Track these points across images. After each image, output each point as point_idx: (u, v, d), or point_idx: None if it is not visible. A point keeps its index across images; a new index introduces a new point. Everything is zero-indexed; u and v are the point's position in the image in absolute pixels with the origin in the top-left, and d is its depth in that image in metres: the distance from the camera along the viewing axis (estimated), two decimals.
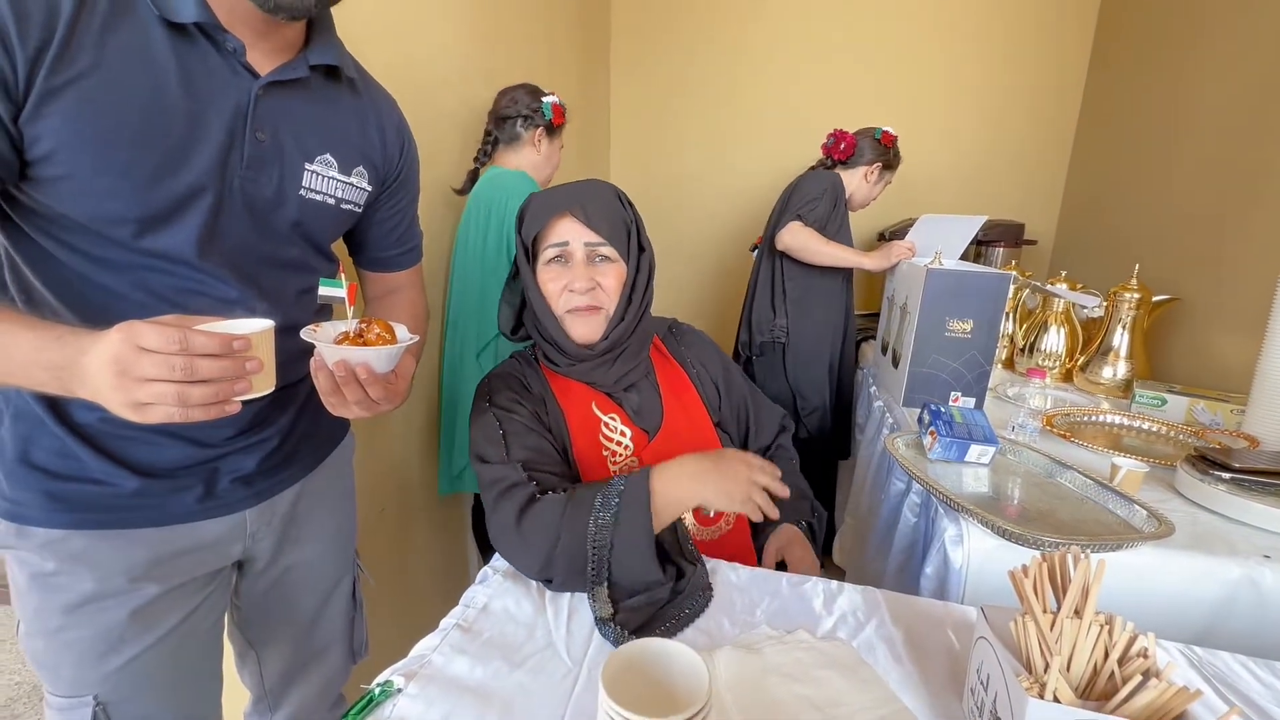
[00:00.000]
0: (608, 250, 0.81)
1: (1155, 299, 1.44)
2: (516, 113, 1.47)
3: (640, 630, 0.62)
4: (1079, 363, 1.52)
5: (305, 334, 0.58)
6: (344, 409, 0.60)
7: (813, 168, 1.86)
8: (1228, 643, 0.68)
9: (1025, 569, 0.48)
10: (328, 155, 0.67)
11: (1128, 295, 1.42)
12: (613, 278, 0.81)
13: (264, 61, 0.61)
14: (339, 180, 0.69)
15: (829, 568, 1.66)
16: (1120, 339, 1.43)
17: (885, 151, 1.76)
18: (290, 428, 0.74)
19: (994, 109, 2.40)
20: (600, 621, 0.63)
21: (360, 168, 0.71)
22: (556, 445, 0.81)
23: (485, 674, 0.57)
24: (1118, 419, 1.27)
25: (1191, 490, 0.91)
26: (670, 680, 0.47)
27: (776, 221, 1.80)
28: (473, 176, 1.48)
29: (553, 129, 1.49)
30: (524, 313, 0.88)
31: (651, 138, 2.77)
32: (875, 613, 0.67)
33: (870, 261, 1.61)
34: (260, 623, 0.82)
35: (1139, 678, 0.43)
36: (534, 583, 0.71)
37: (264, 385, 0.51)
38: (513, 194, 1.37)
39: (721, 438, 0.93)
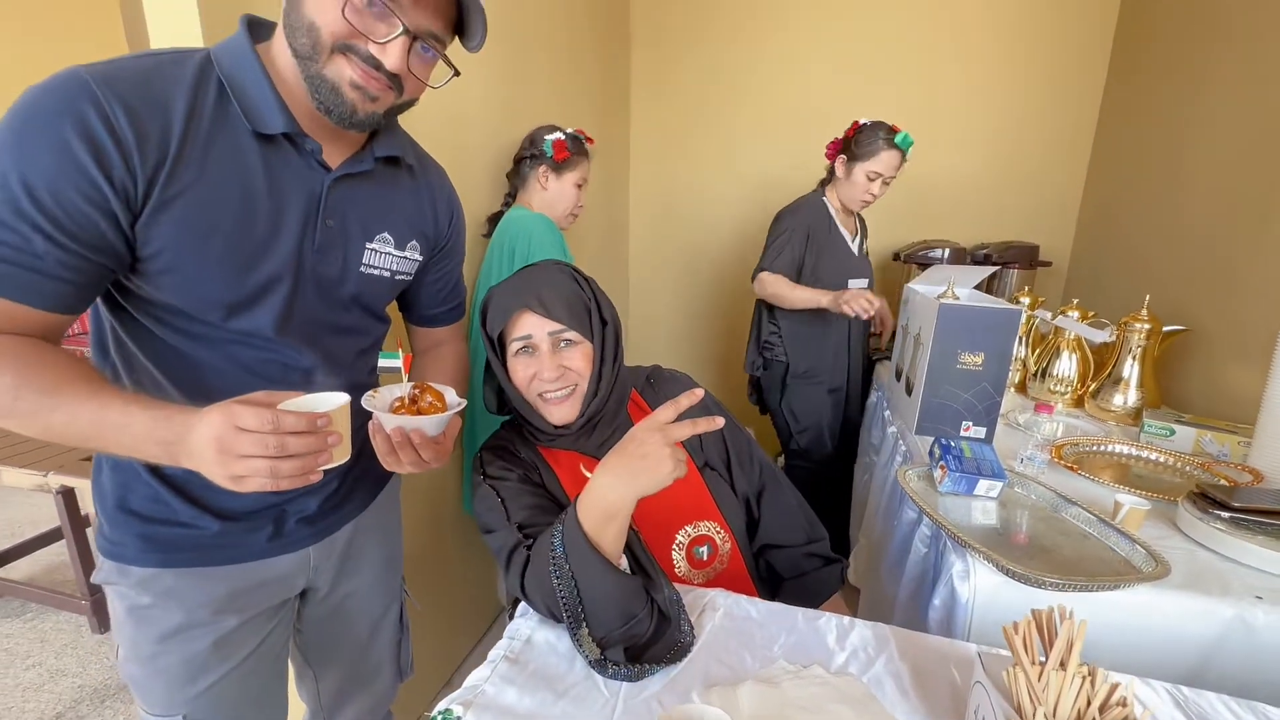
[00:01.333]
0: (571, 335, 0.85)
1: (1166, 329, 1.47)
2: (523, 153, 1.54)
3: (635, 660, 0.67)
4: (1091, 389, 1.56)
5: (365, 401, 0.66)
6: (398, 468, 0.68)
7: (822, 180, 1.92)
8: (1218, 682, 0.73)
9: (1016, 626, 0.54)
10: (386, 234, 0.75)
11: (1138, 325, 1.46)
12: (580, 359, 0.86)
13: (334, 155, 0.69)
14: (394, 255, 0.76)
15: (844, 585, 1.72)
16: (1130, 369, 1.46)
17: (847, 143, 1.78)
18: (347, 472, 0.81)
19: (1010, 129, 2.43)
20: (592, 664, 0.67)
21: (414, 241, 0.79)
22: (552, 502, 0.85)
23: (533, 703, 0.64)
24: (1126, 449, 1.31)
25: (1191, 528, 0.96)
26: None
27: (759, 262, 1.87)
28: (493, 220, 1.56)
29: (557, 165, 1.52)
30: (504, 393, 0.91)
31: (671, 148, 2.84)
32: (884, 648, 0.73)
33: (826, 300, 1.69)
34: (319, 646, 0.90)
35: None
36: None
37: (342, 455, 0.58)
38: (528, 235, 1.45)
39: (708, 475, 0.97)
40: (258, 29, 0.66)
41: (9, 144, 0.52)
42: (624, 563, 0.72)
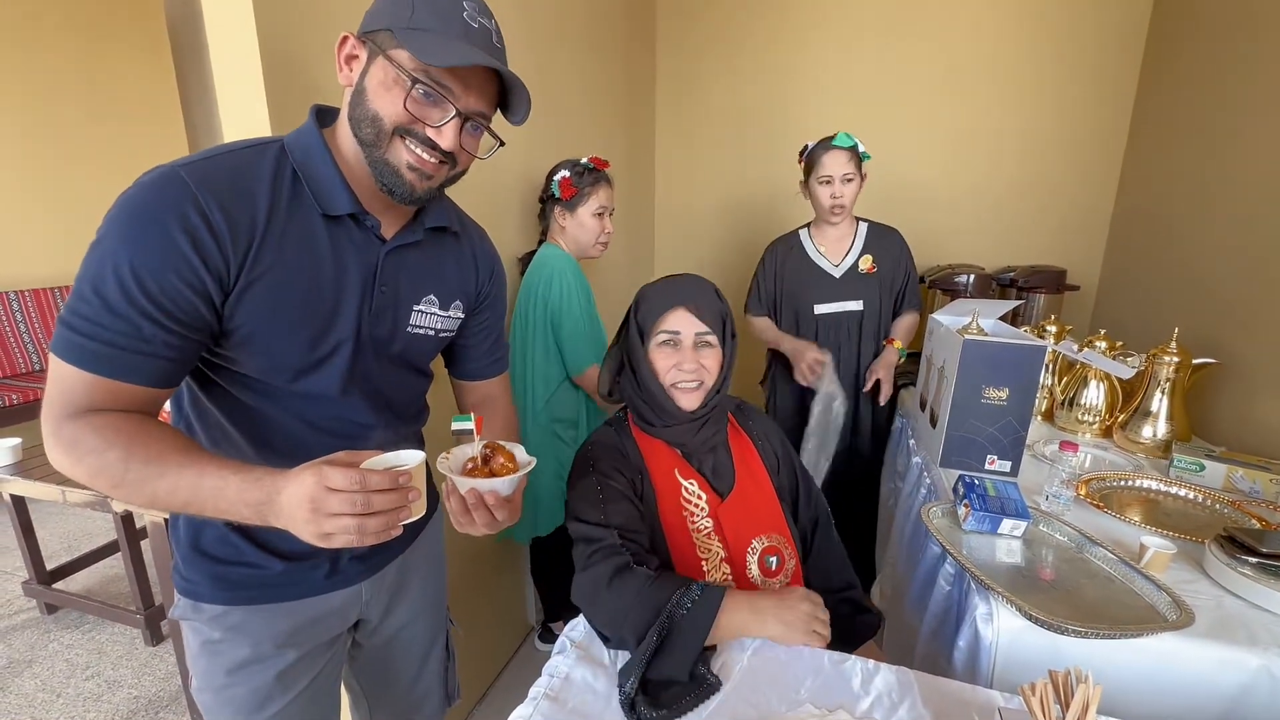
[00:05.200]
0: (711, 338, 0.99)
1: (1196, 361, 1.46)
2: (543, 195, 1.61)
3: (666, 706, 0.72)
4: (1119, 420, 1.55)
5: (440, 465, 0.70)
6: (471, 529, 0.71)
7: None
8: None
9: (1034, 686, 0.57)
10: (432, 295, 0.80)
11: (1166, 358, 1.45)
12: (713, 360, 0.99)
13: (389, 227, 0.75)
14: (438, 314, 0.82)
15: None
16: (1160, 403, 1.45)
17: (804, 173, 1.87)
18: None
19: (1038, 151, 2.43)
20: (627, 702, 0.72)
21: (457, 301, 0.84)
22: (643, 512, 0.96)
23: None
24: (1154, 484, 1.30)
25: (1218, 573, 0.96)
26: None
27: None
28: (526, 259, 1.63)
29: (568, 203, 1.57)
30: (621, 378, 1.04)
31: (694, 167, 2.91)
32: (908, 694, 0.76)
33: (786, 345, 1.86)
34: (371, 675, 0.96)
35: None
36: (606, 654, 0.82)
37: (419, 510, 0.61)
38: (549, 275, 1.53)
39: (781, 497, 1.07)
40: (324, 115, 0.73)
41: (118, 238, 0.58)
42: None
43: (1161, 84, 2.13)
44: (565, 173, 1.56)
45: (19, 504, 1.92)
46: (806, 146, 1.84)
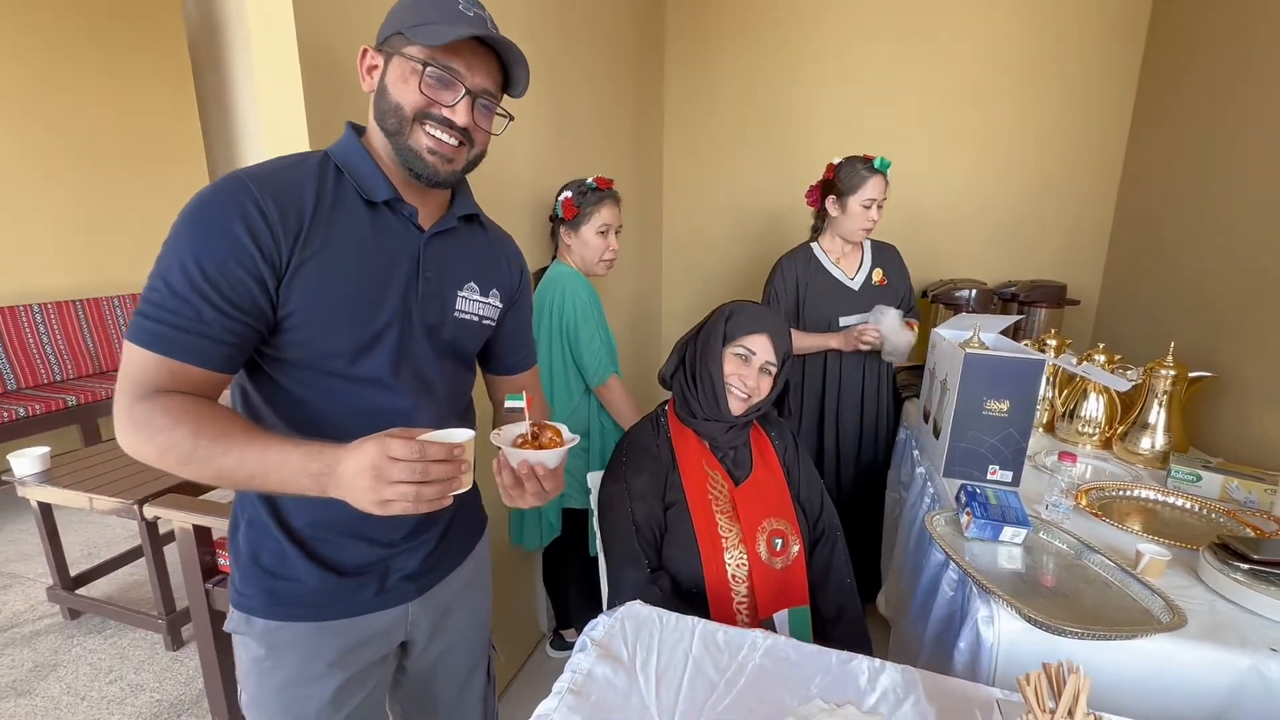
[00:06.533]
0: (772, 369, 1.18)
1: (1192, 375, 1.50)
2: (551, 215, 1.67)
3: None
4: (1118, 431, 1.59)
5: (493, 438, 0.75)
6: (521, 500, 0.76)
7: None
8: None
9: (1029, 676, 0.61)
10: (472, 283, 0.86)
11: (1163, 372, 1.49)
12: (766, 385, 1.19)
13: (426, 218, 0.81)
14: (480, 301, 0.87)
15: (875, 618, 1.77)
16: (1157, 415, 1.50)
17: (830, 184, 1.85)
18: (444, 532, 0.91)
19: (1039, 167, 2.49)
20: None
21: (495, 289, 0.90)
22: (661, 506, 1.15)
23: None
24: (1151, 494, 1.34)
25: (1211, 578, 1.00)
26: None
27: None
28: (537, 276, 1.68)
29: (571, 222, 1.62)
30: (683, 367, 1.22)
31: (702, 180, 2.98)
32: (912, 690, 0.80)
33: (835, 342, 1.84)
34: (415, 699, 0.98)
35: None
36: (624, 650, 0.87)
37: (467, 484, 0.65)
38: (561, 290, 1.59)
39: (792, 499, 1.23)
40: (357, 129, 0.80)
41: (186, 233, 0.65)
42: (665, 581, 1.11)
43: (1157, 108, 2.19)
44: (568, 193, 1.62)
45: (45, 511, 1.97)
46: (838, 163, 1.83)
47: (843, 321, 1.92)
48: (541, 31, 1.72)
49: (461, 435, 0.66)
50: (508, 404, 0.80)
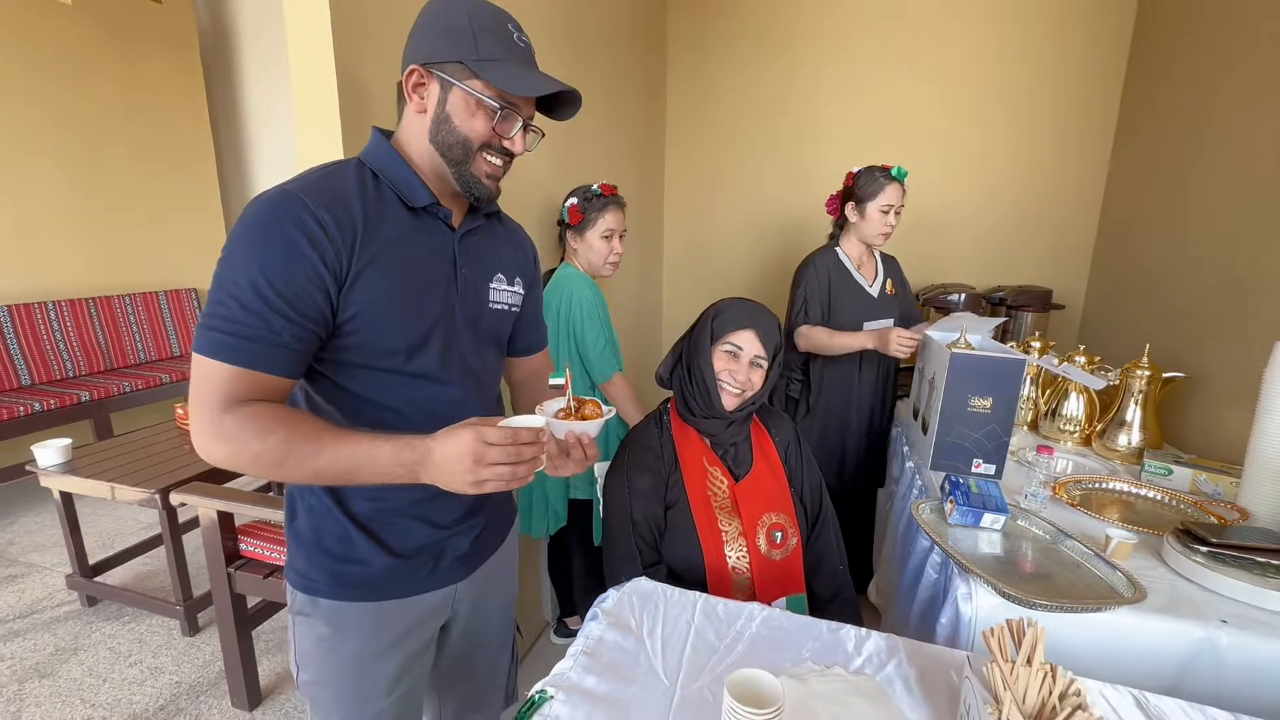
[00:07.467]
0: (763, 362, 1.20)
1: (1165, 375, 1.59)
2: (557, 220, 1.74)
3: None
4: (1097, 429, 1.68)
5: (538, 411, 0.80)
6: (565, 469, 0.80)
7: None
8: (1192, 695, 0.85)
9: (994, 630, 0.69)
10: (500, 274, 0.93)
11: (1139, 372, 1.58)
12: (758, 379, 1.21)
13: (455, 218, 0.87)
14: (508, 290, 0.94)
15: (866, 606, 1.84)
16: (1133, 413, 1.58)
17: (849, 191, 1.93)
18: (490, 516, 0.97)
19: (1027, 176, 2.58)
20: None
21: (517, 276, 0.96)
22: (661, 506, 1.18)
23: (609, 688, 0.80)
24: (1125, 487, 1.43)
25: (1174, 560, 1.08)
26: (759, 690, 0.69)
27: (788, 317, 2.02)
28: (546, 277, 1.76)
29: (576, 227, 1.70)
30: (679, 367, 1.25)
31: (702, 185, 3.08)
32: (895, 654, 0.88)
33: (871, 342, 1.83)
34: (449, 673, 1.03)
35: (1070, 709, 0.63)
36: (632, 620, 0.94)
37: (544, 462, 0.73)
38: (569, 291, 1.66)
39: (792, 493, 1.27)
40: (385, 134, 0.84)
41: (246, 249, 0.68)
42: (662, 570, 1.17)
43: (1137, 128, 2.29)
44: (574, 200, 1.70)
45: (67, 500, 2.04)
46: (857, 171, 1.91)
47: (866, 327, 1.96)
48: (554, 47, 1.81)
49: (537, 421, 0.73)
50: (551, 381, 0.86)
